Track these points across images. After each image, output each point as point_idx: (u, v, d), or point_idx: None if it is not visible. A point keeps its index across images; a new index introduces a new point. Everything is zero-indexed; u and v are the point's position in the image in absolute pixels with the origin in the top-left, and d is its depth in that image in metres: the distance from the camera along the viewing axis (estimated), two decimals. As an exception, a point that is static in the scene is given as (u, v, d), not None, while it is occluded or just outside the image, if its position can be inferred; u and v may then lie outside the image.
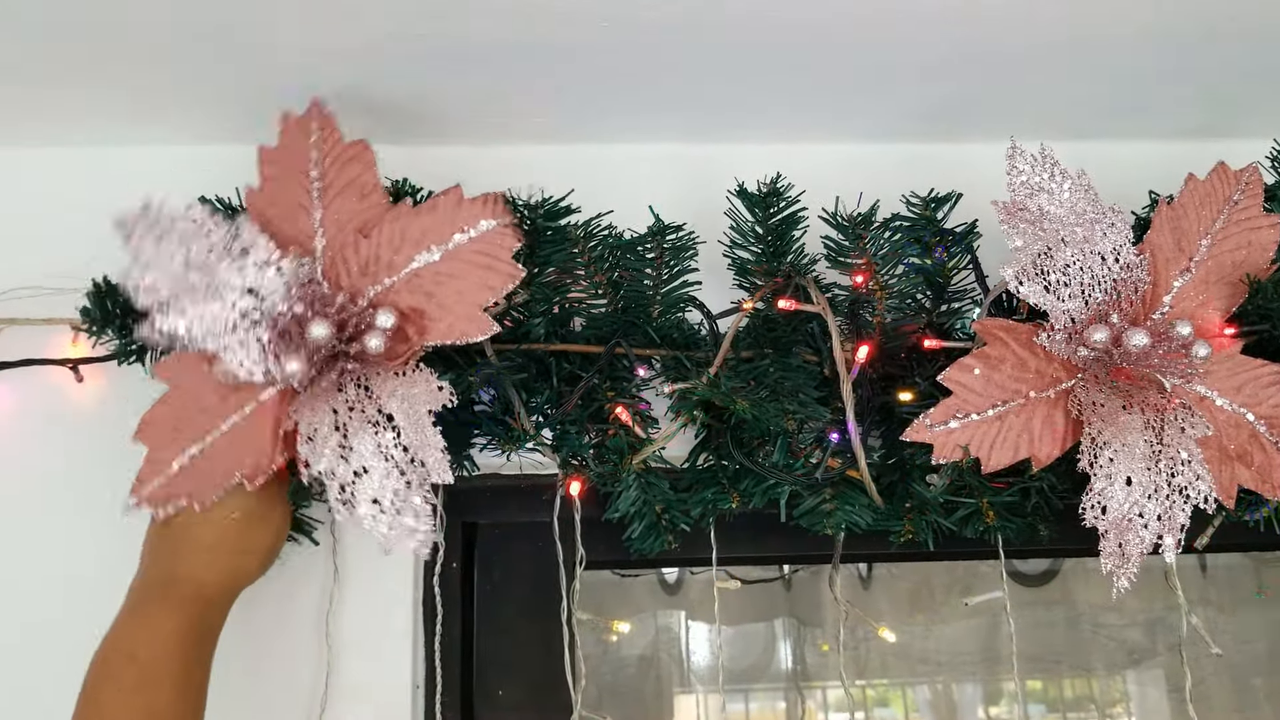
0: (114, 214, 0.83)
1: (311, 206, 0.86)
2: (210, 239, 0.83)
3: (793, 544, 0.98)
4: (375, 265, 0.86)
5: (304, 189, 0.87)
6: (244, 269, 0.83)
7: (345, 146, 0.87)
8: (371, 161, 0.87)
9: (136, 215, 0.83)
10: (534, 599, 1.01)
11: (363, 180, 0.87)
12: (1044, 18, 0.87)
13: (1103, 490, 0.84)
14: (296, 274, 0.84)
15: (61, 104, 0.94)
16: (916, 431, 0.85)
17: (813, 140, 1.05)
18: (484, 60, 0.89)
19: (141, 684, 0.76)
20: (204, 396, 0.84)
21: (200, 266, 0.82)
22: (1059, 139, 0.97)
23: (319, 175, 0.87)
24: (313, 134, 0.87)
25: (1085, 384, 0.87)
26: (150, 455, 0.84)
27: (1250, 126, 1.07)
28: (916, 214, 0.93)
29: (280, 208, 0.87)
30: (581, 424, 0.90)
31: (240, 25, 0.83)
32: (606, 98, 0.97)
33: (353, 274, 0.85)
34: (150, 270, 0.82)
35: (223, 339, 0.82)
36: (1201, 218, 0.92)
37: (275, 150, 0.87)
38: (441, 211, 0.86)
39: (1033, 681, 2.00)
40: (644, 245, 0.91)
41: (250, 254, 0.83)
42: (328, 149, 0.87)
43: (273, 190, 0.87)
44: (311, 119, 0.87)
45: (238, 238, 0.83)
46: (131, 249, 0.83)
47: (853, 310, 0.94)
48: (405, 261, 0.85)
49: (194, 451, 0.83)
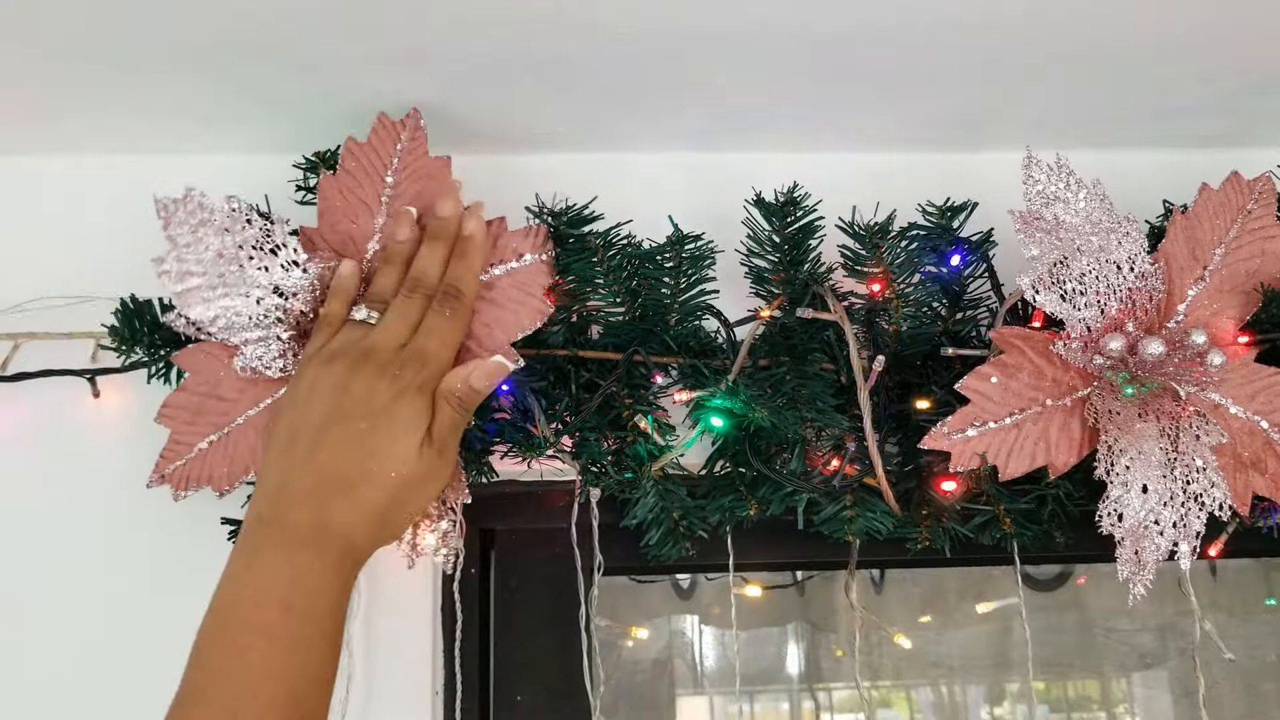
0: (156, 195, 0.84)
1: (377, 211, 0.88)
2: (245, 234, 0.84)
3: (809, 550, 0.99)
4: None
5: (376, 192, 0.88)
6: (272, 267, 0.84)
7: (428, 161, 0.89)
8: (447, 178, 0.89)
9: (177, 201, 0.84)
10: (552, 605, 1.01)
11: (430, 195, 0.88)
12: (1061, 28, 0.88)
13: (1119, 498, 0.85)
14: (322, 277, 0.85)
15: (90, 111, 0.94)
16: (934, 439, 0.86)
17: (830, 150, 1.06)
18: (507, 73, 0.90)
19: (298, 639, 0.66)
20: (222, 387, 0.86)
21: (233, 259, 0.83)
22: (1074, 148, 0.98)
23: (394, 183, 0.88)
24: (402, 141, 0.88)
25: (1101, 392, 0.88)
26: (174, 436, 0.86)
27: (1265, 135, 1.08)
28: (933, 223, 0.94)
29: (348, 201, 0.88)
30: (600, 431, 0.91)
31: (274, 40, 0.84)
32: (626, 107, 0.97)
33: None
34: (183, 258, 0.83)
35: (245, 333, 0.83)
36: (1215, 227, 0.93)
37: (362, 145, 0.88)
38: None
39: (1037, 683, 2.00)
40: (662, 254, 0.92)
41: (280, 253, 0.84)
42: (410, 160, 0.88)
43: (347, 182, 0.88)
44: (404, 126, 0.89)
45: (270, 235, 0.84)
46: (168, 234, 0.84)
47: (869, 318, 0.94)
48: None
49: (213, 438, 0.85)
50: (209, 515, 0.89)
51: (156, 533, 0.93)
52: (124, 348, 0.88)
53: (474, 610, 1.00)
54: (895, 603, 1.88)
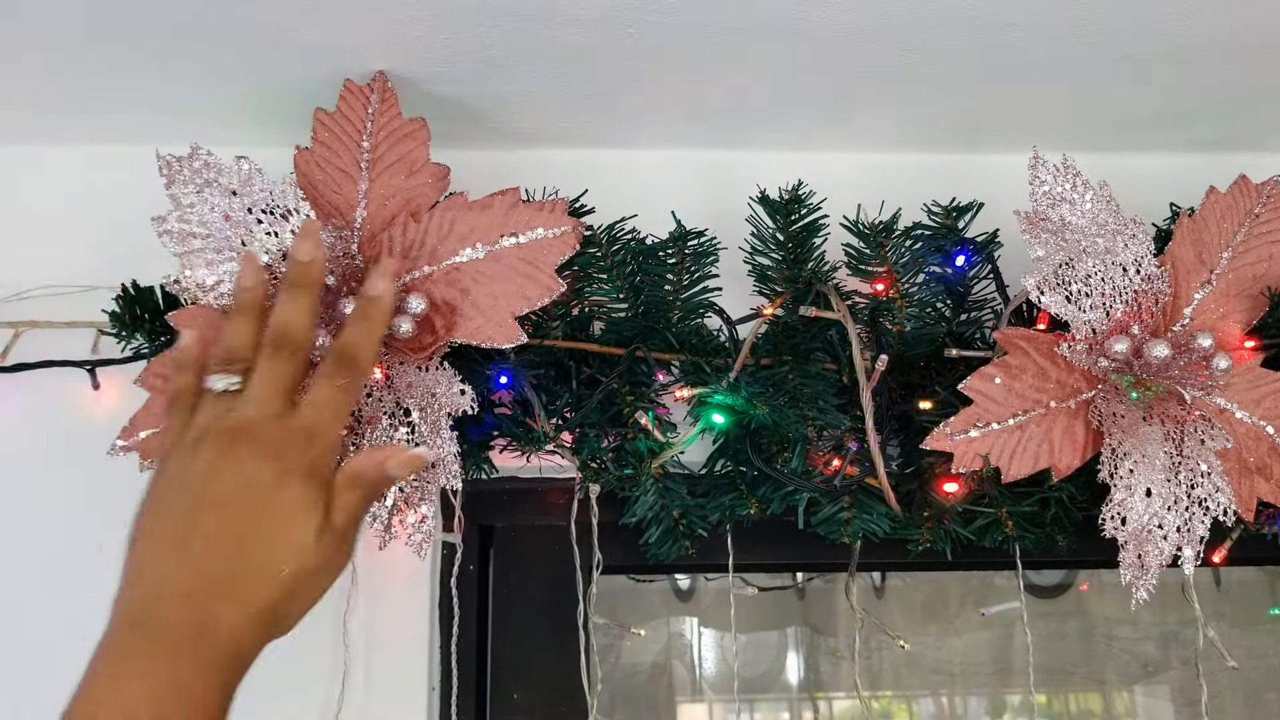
0: (159, 153, 0.82)
1: (359, 177, 0.86)
2: (255, 195, 0.82)
3: (809, 552, 0.98)
4: (419, 251, 0.85)
5: (354, 158, 0.87)
6: (282, 233, 0.82)
7: (402, 122, 0.87)
8: (425, 140, 0.87)
9: (181, 159, 0.83)
10: (550, 603, 1.01)
11: (413, 157, 0.87)
12: (1067, 31, 0.88)
13: (1122, 501, 0.84)
14: (334, 246, 0.83)
15: (85, 101, 0.94)
16: (937, 440, 0.85)
17: (835, 149, 1.06)
18: (510, 67, 0.89)
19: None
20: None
21: (240, 223, 0.82)
22: (1081, 150, 0.98)
23: (371, 147, 0.87)
24: (371, 105, 0.87)
25: (1106, 395, 0.87)
26: (149, 404, 0.84)
27: (1273, 140, 1.08)
28: (938, 223, 0.93)
29: (327, 172, 0.86)
30: (600, 427, 0.91)
31: (266, 28, 0.83)
32: (631, 103, 0.97)
33: (394, 254, 0.84)
34: (186, 218, 0.82)
35: None
36: (1223, 230, 0.92)
37: (331, 115, 0.87)
38: (495, 211, 0.86)
39: (1039, 695, 1.99)
40: (665, 250, 0.92)
41: (291, 218, 0.82)
42: (384, 122, 0.87)
43: (322, 153, 0.87)
44: (372, 90, 0.88)
45: (283, 198, 0.82)
46: (170, 193, 0.82)
47: (873, 318, 0.94)
48: (449, 254, 0.85)
49: None
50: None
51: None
52: (124, 334, 0.88)
53: (472, 607, 0.99)
54: (896, 608, 1.88)
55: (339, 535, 0.67)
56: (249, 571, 0.63)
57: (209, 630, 0.61)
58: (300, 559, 0.65)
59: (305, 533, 0.65)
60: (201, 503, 0.65)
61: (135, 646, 0.60)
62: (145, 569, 0.64)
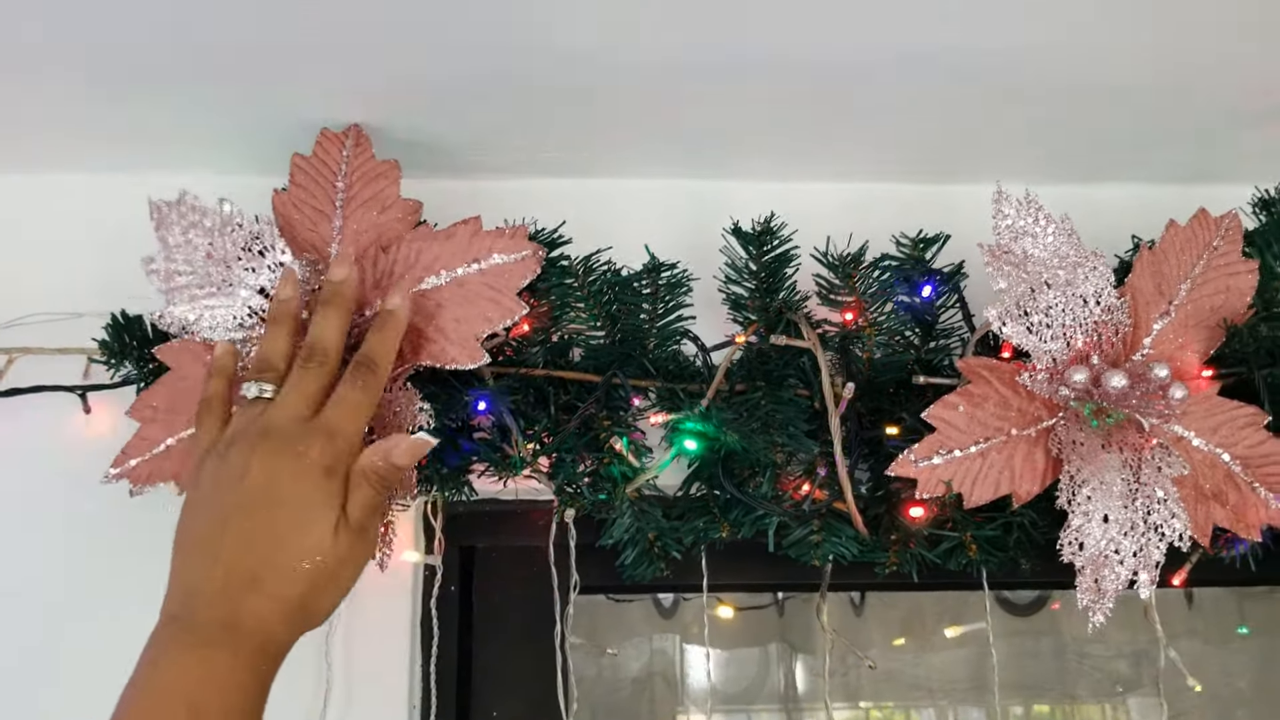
0: (151, 199, 0.87)
1: (334, 215, 0.91)
2: (234, 235, 0.87)
3: (783, 572, 1.00)
4: (387, 280, 0.89)
5: (329, 198, 0.91)
6: (259, 268, 0.86)
7: (376, 164, 0.92)
8: (396, 179, 0.92)
9: (170, 204, 0.87)
10: (530, 622, 1.03)
11: (385, 194, 0.91)
12: (1032, 70, 0.90)
13: (1080, 527, 0.87)
14: (309, 280, 0.87)
15: (78, 131, 0.97)
16: (901, 466, 0.88)
17: (809, 178, 1.08)
18: (487, 99, 0.92)
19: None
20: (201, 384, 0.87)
21: (220, 260, 0.86)
22: (1045, 182, 1.00)
23: (345, 186, 0.91)
24: (346, 149, 0.91)
25: (1066, 422, 0.90)
26: (141, 432, 0.88)
27: (1237, 171, 1.09)
28: (905, 254, 0.96)
29: (304, 212, 0.91)
30: (577, 452, 0.93)
31: (259, 64, 0.86)
32: (607, 135, 1.00)
33: (366, 285, 0.89)
34: (172, 258, 0.86)
35: (229, 334, 0.86)
36: (1182, 263, 0.95)
37: (308, 159, 0.92)
38: (459, 239, 0.89)
39: (1015, 707, 2.01)
40: (640, 281, 0.94)
41: (267, 255, 0.86)
42: (358, 164, 0.91)
43: (299, 195, 0.91)
44: (348, 135, 0.92)
45: (259, 237, 0.87)
46: (159, 235, 0.87)
47: (843, 345, 0.96)
48: (414, 282, 0.89)
49: (185, 435, 0.87)
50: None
51: (150, 549, 0.93)
52: (114, 361, 0.90)
53: (453, 626, 1.01)
54: (875, 625, 1.90)
55: (356, 530, 0.72)
56: (273, 567, 0.69)
57: (239, 623, 0.67)
58: (319, 554, 0.70)
59: (323, 531, 0.70)
60: (231, 502, 0.70)
61: (173, 638, 0.66)
62: (183, 569, 0.70)
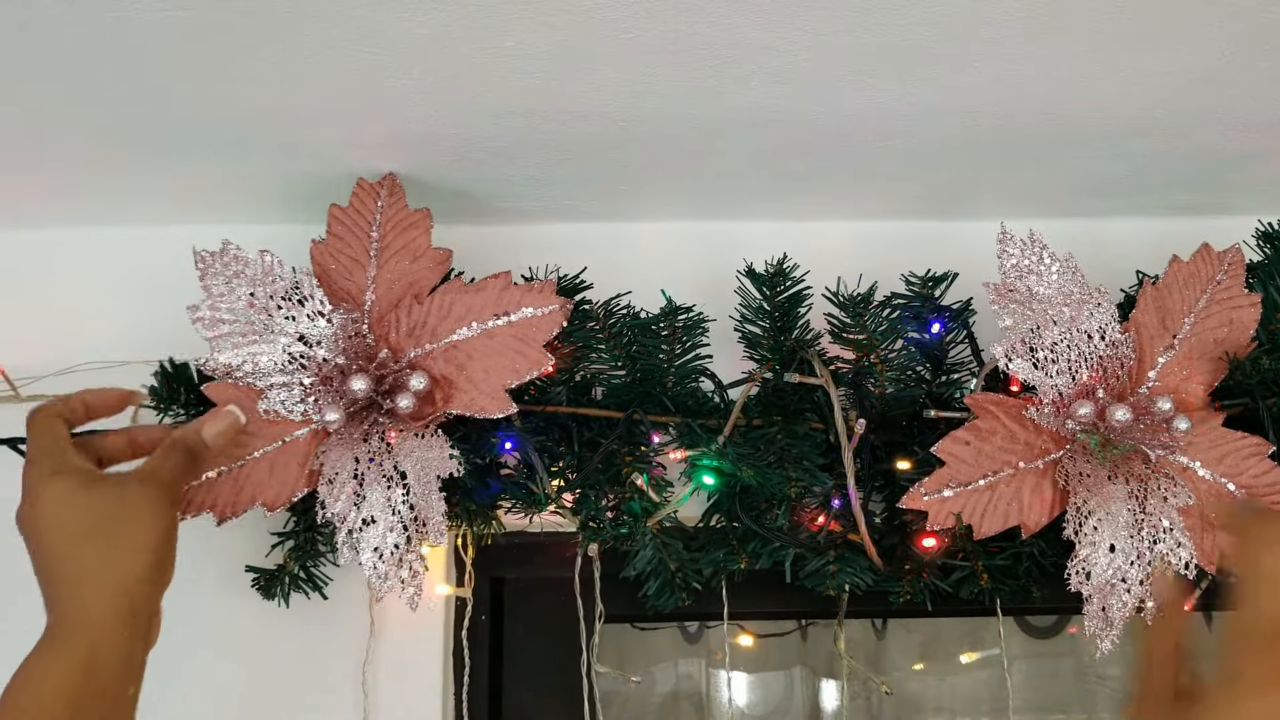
0: (195, 249, 0.92)
1: (368, 264, 0.95)
2: (275, 285, 0.92)
3: (802, 600, 1.03)
4: (421, 330, 0.94)
5: (364, 248, 0.95)
6: (298, 317, 0.91)
7: (408, 213, 0.96)
8: (428, 228, 0.96)
9: (214, 254, 0.92)
10: (558, 651, 1.06)
11: (417, 244, 0.96)
12: (1034, 113, 0.93)
13: (1087, 556, 0.89)
14: (345, 327, 0.92)
15: (124, 191, 1.02)
16: (912, 499, 0.91)
17: (819, 219, 1.12)
18: (514, 156, 0.97)
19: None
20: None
21: (263, 308, 0.91)
22: (1050, 217, 1.03)
23: (379, 236, 0.96)
24: (381, 199, 0.96)
25: (1073, 455, 0.93)
26: None
27: (1239, 205, 1.11)
28: (915, 292, 0.99)
29: (340, 262, 0.95)
30: (600, 488, 0.97)
31: (282, 123, 0.91)
32: (626, 183, 1.04)
33: (400, 333, 0.94)
34: (216, 306, 0.91)
35: (270, 378, 0.90)
36: (1185, 297, 0.98)
37: (345, 209, 0.96)
38: (489, 293, 0.94)
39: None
40: (658, 324, 0.98)
41: (306, 304, 0.91)
42: (392, 214, 0.96)
43: (336, 245, 0.96)
44: (382, 186, 0.97)
45: (298, 287, 0.92)
46: (204, 285, 0.92)
47: (856, 381, 0.99)
48: (447, 332, 0.94)
49: (224, 469, 0.91)
50: (232, 570, 0.96)
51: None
52: (162, 407, 0.95)
53: (483, 655, 1.05)
54: (896, 648, 1.92)
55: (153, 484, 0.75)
56: None
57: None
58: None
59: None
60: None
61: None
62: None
